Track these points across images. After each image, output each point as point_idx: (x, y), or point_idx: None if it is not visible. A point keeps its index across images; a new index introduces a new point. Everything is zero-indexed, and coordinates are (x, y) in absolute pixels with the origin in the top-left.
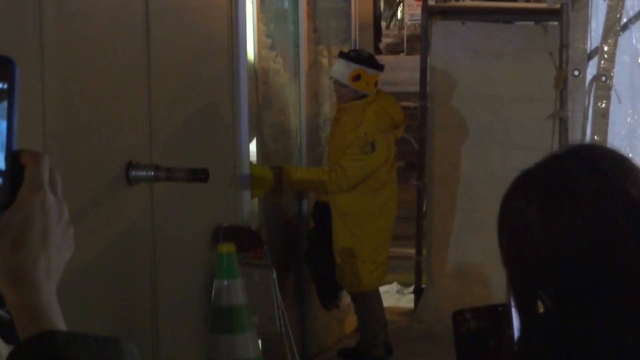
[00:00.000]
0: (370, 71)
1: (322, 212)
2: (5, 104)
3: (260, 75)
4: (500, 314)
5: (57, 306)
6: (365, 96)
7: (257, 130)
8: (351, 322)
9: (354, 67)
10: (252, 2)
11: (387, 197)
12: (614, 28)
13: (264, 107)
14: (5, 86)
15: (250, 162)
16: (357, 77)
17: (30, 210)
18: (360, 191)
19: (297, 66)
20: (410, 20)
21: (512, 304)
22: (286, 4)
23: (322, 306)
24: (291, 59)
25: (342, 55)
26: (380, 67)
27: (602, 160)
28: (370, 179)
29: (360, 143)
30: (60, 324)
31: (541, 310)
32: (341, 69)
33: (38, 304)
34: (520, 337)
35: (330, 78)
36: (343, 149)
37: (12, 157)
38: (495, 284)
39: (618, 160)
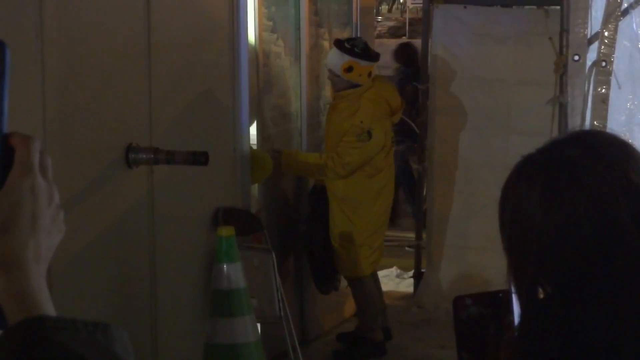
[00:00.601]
0: (363, 63)
1: (319, 196)
2: None
3: (261, 58)
4: (500, 300)
5: (47, 291)
6: (359, 85)
7: (257, 113)
8: (350, 306)
9: (347, 59)
10: None
11: (383, 183)
12: (615, 13)
13: (264, 91)
14: None
15: (251, 148)
16: (349, 69)
17: (20, 193)
18: (357, 177)
19: (298, 49)
20: (412, 3)
21: (513, 290)
22: None
23: (319, 290)
24: (292, 42)
25: (336, 44)
26: (374, 58)
27: (604, 147)
28: (367, 166)
29: (357, 131)
30: (50, 309)
31: (541, 296)
32: (334, 60)
33: (27, 289)
34: (520, 323)
35: (325, 66)
36: (339, 136)
37: (2, 140)
38: (495, 268)
39: (620, 147)
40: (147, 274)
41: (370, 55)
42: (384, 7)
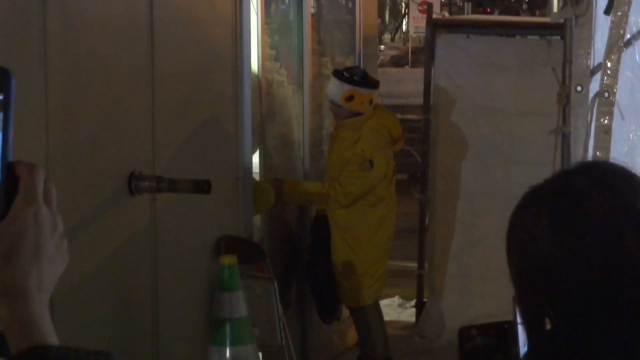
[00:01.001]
0: (364, 91)
1: (321, 226)
2: (0, 115)
3: (264, 87)
4: (506, 331)
5: (49, 320)
6: (361, 113)
7: (260, 142)
8: (352, 335)
9: (347, 88)
10: (257, 14)
11: (385, 212)
12: (617, 44)
13: (267, 119)
14: (1, 97)
15: (253, 179)
16: (350, 98)
17: (23, 222)
18: (359, 206)
19: (301, 78)
20: (414, 33)
21: (519, 320)
22: (291, 16)
23: (321, 320)
24: (295, 71)
25: (335, 74)
26: (374, 85)
27: (611, 178)
28: (369, 194)
29: (359, 160)
30: (52, 338)
31: (548, 327)
32: (335, 89)
33: (29, 318)
34: (526, 354)
35: (325, 96)
36: (341, 165)
37: (7, 168)
38: (497, 298)
39: (627, 178)
40: (149, 301)
41: (370, 83)
42: (387, 36)
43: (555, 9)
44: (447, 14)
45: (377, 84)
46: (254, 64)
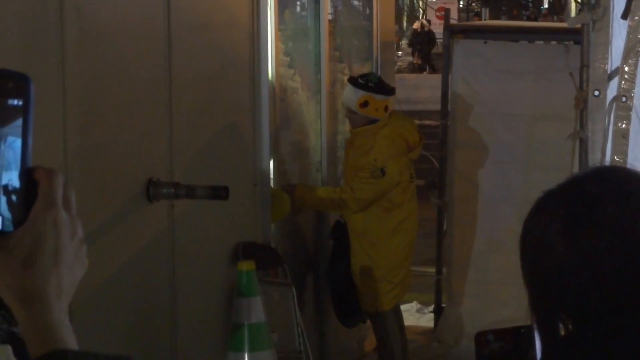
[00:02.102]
0: (378, 97)
1: (342, 231)
2: (20, 121)
3: (277, 94)
4: (523, 336)
5: (69, 325)
6: (376, 120)
7: (274, 148)
8: (371, 340)
9: (361, 94)
10: (271, 20)
11: (402, 217)
12: (635, 48)
13: (281, 126)
14: (20, 103)
15: (270, 187)
16: (364, 104)
17: (42, 228)
18: (374, 211)
19: (317, 84)
20: None
21: (534, 325)
22: (306, 22)
23: (343, 324)
24: (310, 78)
25: (350, 80)
26: (389, 92)
27: (624, 182)
28: (383, 200)
29: (370, 167)
30: (72, 343)
31: (562, 332)
32: (350, 96)
33: (48, 323)
34: (540, 359)
35: (342, 103)
36: (355, 172)
37: (26, 174)
38: (516, 304)
39: None
40: (167, 307)
41: (385, 89)
42: (404, 42)
43: (572, 13)
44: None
45: (393, 90)
46: (268, 71)
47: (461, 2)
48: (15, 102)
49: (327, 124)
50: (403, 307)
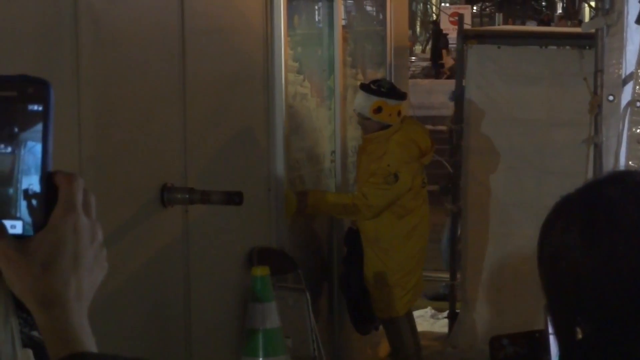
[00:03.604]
0: (391, 102)
1: (355, 237)
2: (40, 126)
3: (286, 100)
4: (537, 340)
5: (88, 328)
6: (389, 126)
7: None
8: (385, 346)
9: (375, 100)
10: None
11: (415, 223)
12: None
13: (290, 132)
14: (41, 108)
15: None
16: (378, 110)
17: (62, 232)
18: (386, 217)
19: (327, 90)
20: None
21: (550, 330)
22: (315, 28)
23: (357, 331)
24: (320, 83)
25: (362, 87)
26: (402, 97)
27: None
28: (395, 206)
29: (384, 173)
30: (91, 346)
31: (579, 336)
32: (362, 102)
33: (68, 326)
34: None
35: (354, 110)
36: (367, 178)
37: (47, 178)
38: (530, 309)
39: None
40: (181, 312)
41: (398, 94)
42: (418, 48)
43: (586, 18)
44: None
45: (405, 95)
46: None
47: (475, 7)
48: (36, 107)
49: (342, 129)
50: (417, 313)
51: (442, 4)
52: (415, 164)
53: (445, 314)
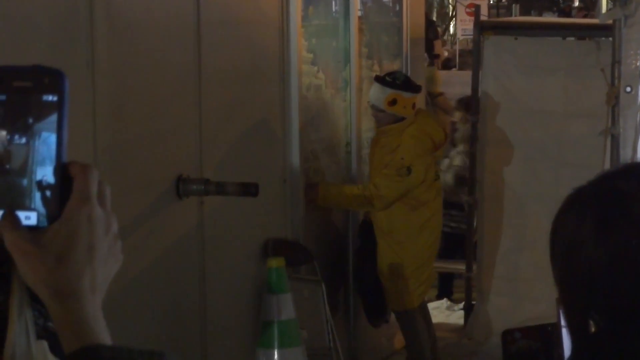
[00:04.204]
0: (406, 95)
1: (369, 230)
2: (55, 116)
3: (300, 91)
4: (550, 333)
5: (103, 320)
6: (403, 118)
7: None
8: (400, 338)
9: (389, 92)
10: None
11: (428, 215)
12: None
13: (303, 123)
14: (55, 99)
15: None
16: (393, 102)
17: (77, 223)
18: (399, 209)
19: (344, 81)
20: (462, 35)
21: (563, 323)
22: (330, 19)
23: (370, 323)
24: (334, 75)
25: (377, 79)
26: (416, 89)
27: None
28: (407, 198)
29: (397, 165)
30: (105, 338)
31: (592, 330)
32: (377, 94)
33: (82, 318)
34: (570, 357)
35: (368, 102)
36: (381, 169)
37: (62, 169)
38: (545, 301)
39: None
40: (197, 304)
41: (413, 87)
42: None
43: (603, 9)
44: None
45: (420, 88)
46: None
47: None
48: (50, 97)
49: (357, 121)
50: (433, 305)
51: None
52: (429, 157)
53: (461, 305)
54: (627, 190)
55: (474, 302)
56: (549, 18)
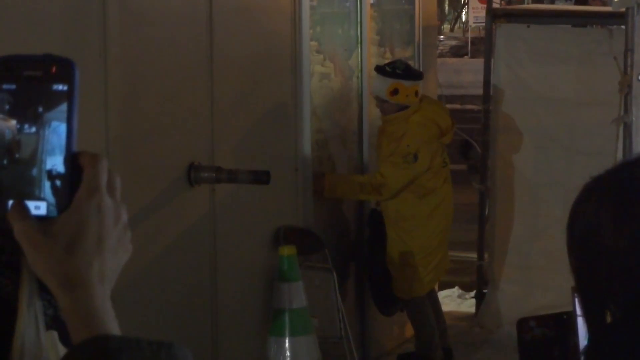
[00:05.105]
0: (407, 83)
1: (378, 220)
2: (64, 106)
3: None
4: (565, 322)
5: (111, 310)
6: (407, 107)
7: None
8: (410, 326)
9: (390, 82)
10: None
11: (436, 203)
12: None
13: (313, 112)
14: (65, 88)
15: None
16: (395, 92)
17: (86, 213)
18: (407, 197)
19: (352, 70)
20: (474, 22)
21: (579, 312)
22: (338, 7)
23: (381, 313)
24: (343, 63)
25: (377, 69)
26: (418, 77)
27: None
28: (414, 186)
29: (403, 152)
30: (114, 328)
31: (609, 320)
32: (379, 85)
33: (91, 308)
34: (587, 347)
35: (371, 93)
36: (387, 157)
37: (72, 159)
38: (557, 289)
39: None
40: (208, 291)
41: (414, 74)
42: (446, 26)
43: None
44: None
45: (421, 75)
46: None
47: None
48: (60, 87)
49: (369, 109)
50: (444, 293)
51: None
52: (435, 144)
53: (472, 293)
54: None
55: (485, 291)
56: (562, 6)
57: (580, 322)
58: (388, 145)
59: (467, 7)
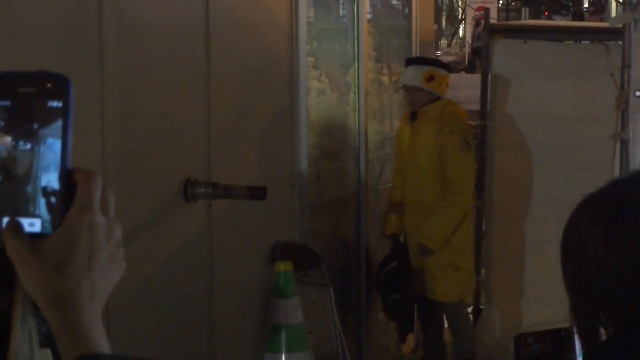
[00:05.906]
0: (441, 72)
1: (402, 250)
2: (59, 122)
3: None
4: (563, 338)
5: (102, 329)
6: (439, 98)
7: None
8: (409, 342)
9: (427, 69)
10: None
11: (469, 205)
12: None
13: (310, 128)
14: (60, 104)
15: None
16: (430, 78)
17: (77, 231)
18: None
19: (348, 85)
20: (471, 38)
21: (575, 329)
22: (335, 22)
23: (399, 340)
24: (339, 79)
25: (410, 61)
26: (449, 68)
27: None
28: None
29: (454, 143)
30: (104, 347)
31: (603, 336)
32: (413, 73)
33: (80, 327)
34: None
35: (400, 88)
36: (431, 155)
37: (66, 175)
38: (555, 305)
39: None
40: (204, 308)
41: (446, 65)
42: (444, 42)
43: (613, 13)
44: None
45: (450, 67)
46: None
47: (501, 2)
48: (55, 103)
49: (365, 124)
50: None
51: None
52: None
53: (470, 309)
54: (638, 196)
55: (482, 306)
56: (559, 22)
57: (578, 338)
58: (429, 142)
59: (464, 23)
